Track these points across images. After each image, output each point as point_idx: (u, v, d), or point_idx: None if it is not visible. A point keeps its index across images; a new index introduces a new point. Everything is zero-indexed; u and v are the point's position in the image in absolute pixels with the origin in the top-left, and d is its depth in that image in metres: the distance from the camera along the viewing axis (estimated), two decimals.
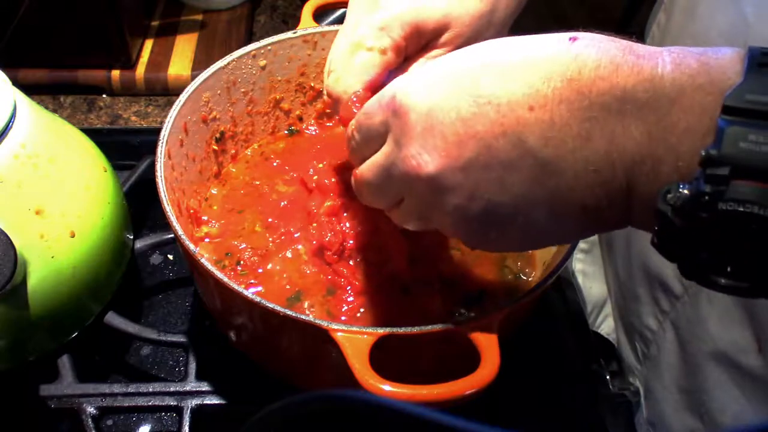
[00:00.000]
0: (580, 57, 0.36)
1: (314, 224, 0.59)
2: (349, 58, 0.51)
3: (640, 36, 0.74)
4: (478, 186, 0.38)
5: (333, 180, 0.61)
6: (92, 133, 0.64)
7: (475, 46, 0.40)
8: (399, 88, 0.41)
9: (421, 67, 0.43)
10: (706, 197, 0.31)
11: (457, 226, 0.41)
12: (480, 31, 0.52)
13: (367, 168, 0.45)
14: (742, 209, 0.31)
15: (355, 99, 0.50)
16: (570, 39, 0.36)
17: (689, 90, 0.33)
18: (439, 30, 0.51)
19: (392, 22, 0.50)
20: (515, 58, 0.37)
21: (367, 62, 0.51)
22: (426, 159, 0.39)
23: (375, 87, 0.51)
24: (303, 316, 0.47)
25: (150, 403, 0.58)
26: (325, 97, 0.55)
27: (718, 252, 0.32)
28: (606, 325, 0.82)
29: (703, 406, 0.61)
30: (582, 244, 0.84)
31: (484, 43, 0.40)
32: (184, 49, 0.93)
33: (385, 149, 0.42)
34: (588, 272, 0.84)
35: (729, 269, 0.32)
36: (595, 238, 0.84)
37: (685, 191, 0.32)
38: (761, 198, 0.30)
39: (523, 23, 0.57)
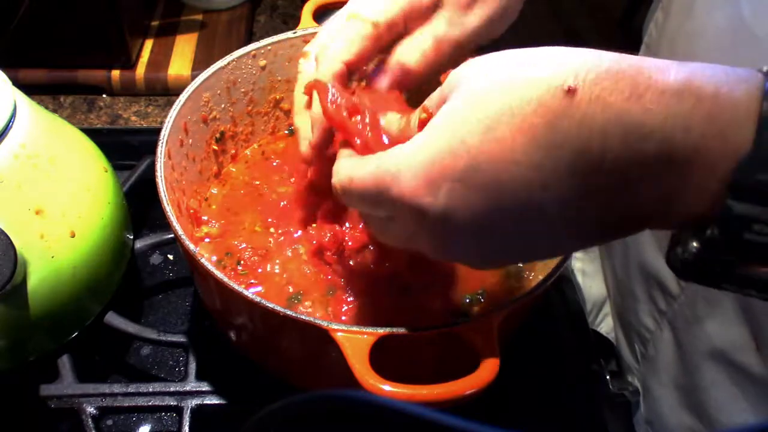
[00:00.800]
0: (585, 122, 0.33)
1: (313, 225, 0.59)
2: (341, 27, 0.51)
3: (640, 35, 0.74)
4: (501, 256, 0.40)
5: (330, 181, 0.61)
6: (92, 133, 0.64)
7: (456, 101, 0.37)
8: (401, 183, 0.38)
9: (409, 143, 0.39)
10: (711, 276, 0.32)
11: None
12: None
13: (379, 233, 0.44)
14: (741, 292, 0.32)
15: (333, 97, 0.47)
16: (568, 91, 0.33)
17: (702, 152, 0.31)
18: (430, 9, 0.51)
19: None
20: (513, 124, 0.34)
21: (360, 34, 0.50)
22: (451, 254, 0.41)
23: (359, 61, 0.50)
24: (303, 316, 0.47)
25: (150, 403, 0.58)
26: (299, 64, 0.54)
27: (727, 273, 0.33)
28: (605, 324, 0.82)
29: (700, 404, 0.61)
30: None
31: (463, 89, 0.37)
32: (184, 49, 0.93)
33: (402, 226, 0.41)
34: (587, 271, 0.84)
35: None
36: None
37: (693, 247, 0.32)
38: (759, 282, 0.32)
39: (523, 22, 0.57)
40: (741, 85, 0.31)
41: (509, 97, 0.34)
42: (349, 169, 0.42)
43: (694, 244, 0.32)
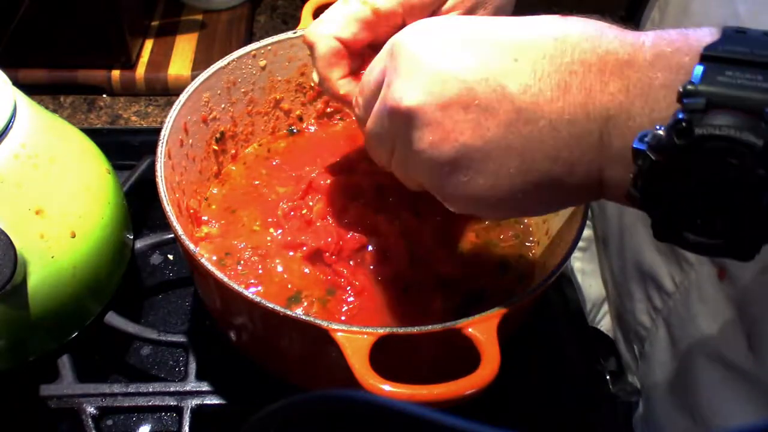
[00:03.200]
0: (566, 24, 0.38)
1: (309, 233, 0.59)
2: (340, 7, 0.52)
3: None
4: (455, 126, 0.40)
5: (330, 181, 0.62)
6: (92, 133, 0.64)
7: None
8: (396, 35, 0.43)
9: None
10: (683, 124, 0.32)
11: (430, 170, 0.42)
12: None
13: (370, 118, 0.46)
14: (717, 132, 0.32)
15: (331, 49, 0.50)
16: (562, 16, 0.39)
17: (668, 51, 0.35)
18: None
19: None
20: (507, 20, 0.41)
21: (357, 16, 0.51)
22: (409, 93, 0.40)
23: (354, 44, 0.51)
24: (303, 316, 0.47)
25: (150, 403, 0.58)
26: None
27: (691, 197, 0.33)
28: (605, 323, 0.82)
29: (694, 404, 0.61)
30: (580, 243, 0.84)
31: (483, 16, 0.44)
32: (184, 49, 0.93)
33: (380, 94, 0.44)
34: (586, 270, 0.84)
35: (699, 222, 0.33)
36: (591, 235, 0.84)
37: (661, 132, 0.33)
38: (737, 122, 0.31)
39: None
40: (704, 28, 0.36)
41: (516, 23, 0.41)
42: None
43: (660, 131, 0.33)
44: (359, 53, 0.53)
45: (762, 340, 0.52)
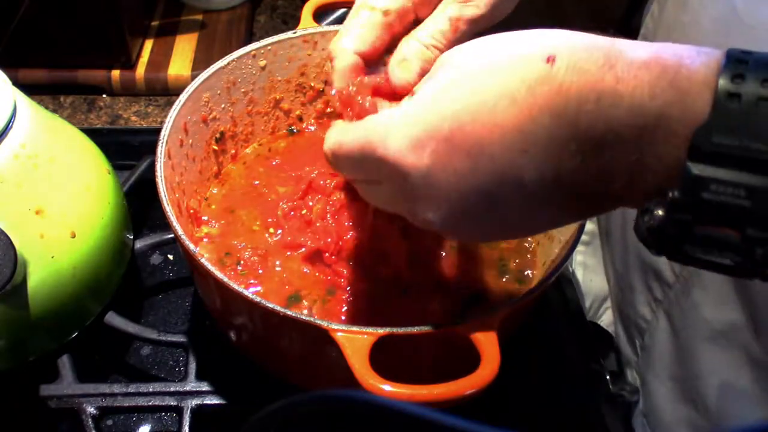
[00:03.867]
0: (563, 88, 0.35)
1: (309, 234, 0.59)
2: (351, 19, 0.51)
3: (637, 33, 0.75)
4: (481, 225, 0.41)
5: (330, 181, 0.61)
6: (92, 133, 0.64)
7: (447, 73, 0.39)
8: (388, 145, 0.40)
9: (397, 109, 0.42)
10: (673, 240, 0.34)
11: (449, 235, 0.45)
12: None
13: (370, 198, 0.47)
14: (701, 256, 0.33)
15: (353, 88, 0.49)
16: (548, 60, 0.36)
17: (665, 119, 0.34)
18: None
19: None
20: (496, 92, 0.37)
21: (369, 22, 0.50)
22: (433, 218, 0.41)
23: (373, 51, 0.50)
24: (303, 316, 0.47)
25: (150, 403, 0.58)
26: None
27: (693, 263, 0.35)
28: (606, 318, 0.82)
29: (697, 394, 0.61)
30: (583, 237, 0.84)
31: (455, 64, 0.40)
32: (184, 49, 0.93)
33: (389, 194, 0.43)
34: (589, 264, 0.84)
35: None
36: (595, 229, 0.84)
37: (659, 214, 0.34)
38: (720, 244, 0.33)
39: (522, 21, 0.56)
40: (701, 58, 0.34)
41: (494, 67, 0.38)
42: (339, 134, 0.44)
43: (659, 211, 0.34)
44: (377, 60, 0.52)
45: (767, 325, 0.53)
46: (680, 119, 0.33)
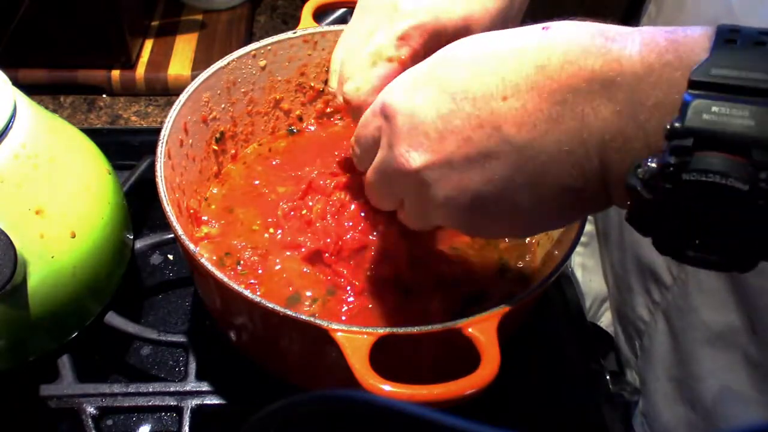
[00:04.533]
0: (549, 44, 0.37)
1: (309, 234, 0.59)
2: (369, 69, 0.52)
3: None
4: (462, 177, 0.41)
5: (330, 181, 0.61)
6: (92, 133, 0.64)
7: (450, 45, 0.42)
8: (386, 94, 0.44)
9: (402, 75, 0.45)
10: (671, 168, 0.32)
11: (451, 217, 0.44)
12: (497, 28, 0.52)
13: (370, 172, 0.47)
14: (704, 179, 0.32)
15: None
16: (543, 28, 0.38)
17: (657, 67, 0.34)
18: (459, 32, 0.51)
19: (413, 31, 0.51)
20: (488, 52, 0.40)
21: (389, 74, 0.51)
22: (412, 156, 0.42)
23: None
24: (303, 316, 0.47)
25: (150, 403, 0.58)
26: (339, 100, 0.55)
27: (686, 224, 0.33)
28: (605, 318, 0.82)
29: (696, 395, 0.62)
30: (582, 238, 0.84)
31: (459, 41, 0.42)
32: (184, 49, 0.93)
33: (380, 153, 0.45)
34: (588, 265, 0.84)
35: (697, 242, 0.34)
36: (593, 231, 0.85)
37: (653, 164, 0.33)
38: (723, 167, 0.31)
39: (522, 21, 0.57)
40: (697, 28, 0.35)
41: (495, 35, 0.41)
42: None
43: (652, 163, 0.33)
44: None
45: (766, 326, 0.53)
46: (676, 65, 0.34)
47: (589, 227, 0.85)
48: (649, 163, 0.33)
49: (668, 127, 0.32)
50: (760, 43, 0.33)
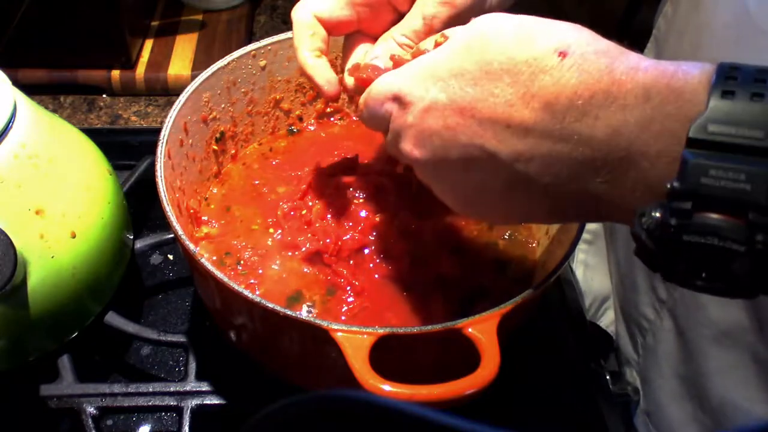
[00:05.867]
0: (561, 82, 0.38)
1: (309, 234, 0.59)
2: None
3: (641, 34, 0.75)
4: (465, 179, 0.43)
5: (330, 181, 0.61)
6: (92, 133, 0.64)
7: (469, 45, 0.42)
8: (404, 81, 0.44)
9: (421, 60, 0.45)
10: (672, 229, 0.34)
11: (446, 199, 0.46)
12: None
13: (388, 141, 0.48)
14: (702, 241, 0.33)
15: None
16: (559, 54, 0.38)
17: (659, 117, 0.35)
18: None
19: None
20: (503, 66, 0.40)
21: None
22: (418, 152, 0.44)
23: (338, 25, 0.54)
24: (303, 316, 0.47)
25: (150, 403, 0.58)
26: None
27: (691, 266, 0.35)
28: (606, 318, 0.82)
29: (702, 392, 0.62)
30: (586, 235, 0.84)
31: (478, 40, 0.42)
32: (184, 49, 0.93)
33: (389, 136, 0.47)
34: (590, 264, 0.84)
35: (704, 275, 0.35)
36: (599, 229, 0.84)
37: (657, 214, 0.34)
38: (720, 230, 0.33)
39: None
40: (697, 67, 0.36)
41: (512, 44, 0.40)
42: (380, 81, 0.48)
43: (656, 213, 0.34)
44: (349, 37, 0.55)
45: None
46: (676, 116, 0.35)
47: (595, 225, 0.85)
48: (653, 214, 0.34)
49: (668, 186, 0.34)
50: (758, 94, 0.33)
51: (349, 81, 0.53)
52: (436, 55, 0.44)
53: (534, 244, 0.62)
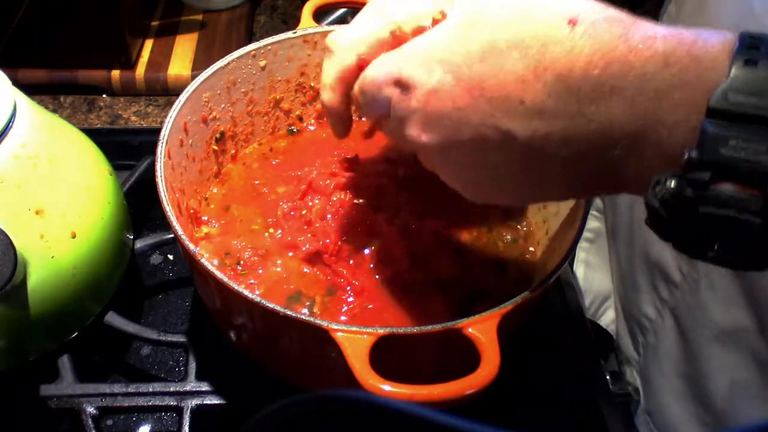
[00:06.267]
0: (574, 51, 0.36)
1: (309, 234, 0.59)
2: (367, 21, 0.50)
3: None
4: (474, 161, 0.41)
5: (329, 181, 0.61)
6: (92, 133, 0.64)
7: (470, 20, 0.40)
8: (403, 62, 0.42)
9: (419, 41, 0.43)
10: (688, 200, 0.33)
11: (450, 180, 0.45)
12: None
13: (389, 127, 0.46)
14: (719, 213, 0.32)
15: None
16: (569, 22, 0.37)
17: (678, 85, 0.34)
18: None
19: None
20: (510, 40, 0.38)
21: (377, 33, 0.49)
22: (425, 136, 0.42)
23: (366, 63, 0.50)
24: (303, 316, 0.47)
25: (150, 403, 0.58)
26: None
27: (705, 236, 0.34)
28: (606, 317, 0.82)
29: (705, 392, 0.62)
30: (587, 234, 0.84)
31: (479, 15, 0.40)
32: (184, 49, 0.93)
33: (391, 122, 0.45)
34: (591, 262, 0.84)
35: (716, 246, 0.34)
36: (601, 227, 0.85)
37: (672, 184, 0.33)
38: (737, 201, 0.32)
39: None
40: (718, 35, 0.35)
41: (517, 16, 0.38)
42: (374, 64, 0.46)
43: (671, 182, 0.34)
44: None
45: None
46: (696, 84, 0.34)
47: (596, 224, 0.85)
48: (667, 183, 0.34)
49: (686, 156, 0.33)
50: None
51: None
52: (435, 33, 0.42)
53: (534, 244, 0.62)
